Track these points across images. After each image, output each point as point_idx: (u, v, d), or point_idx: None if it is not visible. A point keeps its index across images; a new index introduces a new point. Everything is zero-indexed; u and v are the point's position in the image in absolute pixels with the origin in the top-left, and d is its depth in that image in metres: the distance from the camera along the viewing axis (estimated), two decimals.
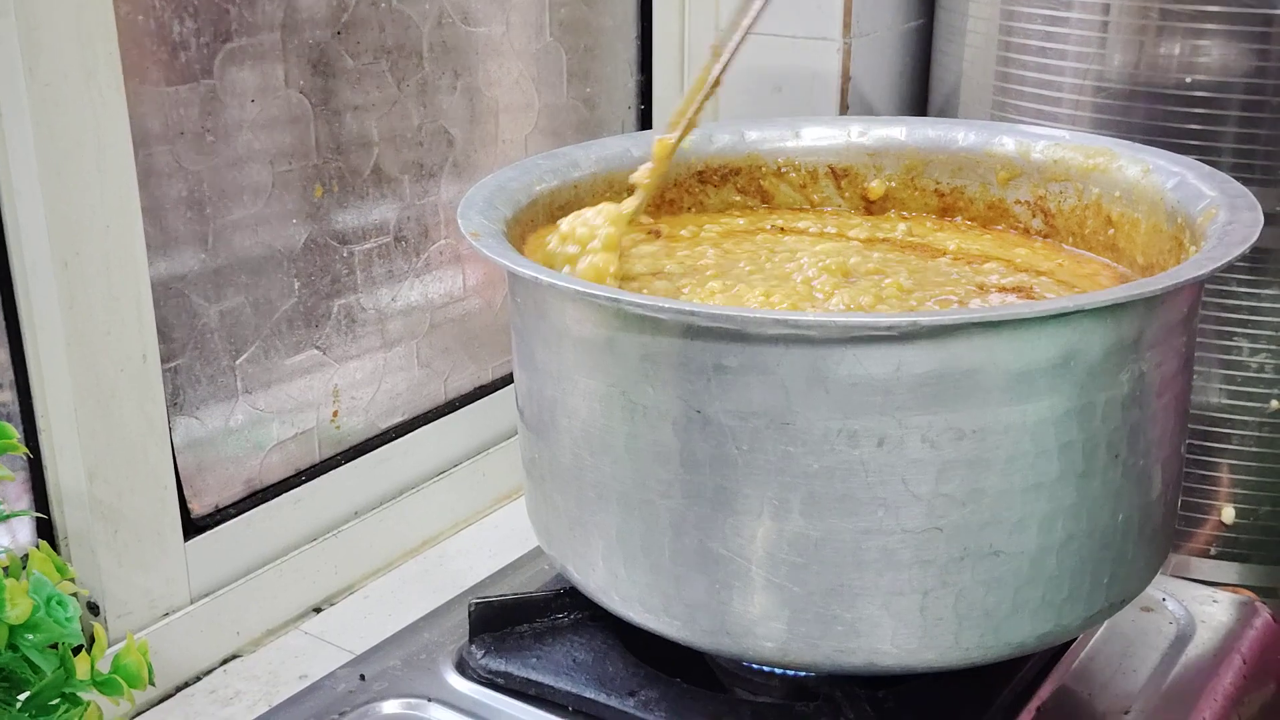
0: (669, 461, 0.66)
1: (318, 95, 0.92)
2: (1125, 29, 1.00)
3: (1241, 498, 1.05)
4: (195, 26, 0.84)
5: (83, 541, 0.81)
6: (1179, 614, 0.87)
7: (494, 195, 0.79)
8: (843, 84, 1.18)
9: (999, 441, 0.63)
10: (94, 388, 0.79)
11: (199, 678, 0.88)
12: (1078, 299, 0.62)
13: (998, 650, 0.67)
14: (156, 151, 0.83)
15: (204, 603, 0.88)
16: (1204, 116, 0.98)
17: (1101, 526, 0.67)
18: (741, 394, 0.63)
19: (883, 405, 0.62)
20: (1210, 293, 1.01)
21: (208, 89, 0.85)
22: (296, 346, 0.94)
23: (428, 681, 0.79)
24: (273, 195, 0.90)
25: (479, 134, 1.06)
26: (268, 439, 0.94)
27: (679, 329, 0.63)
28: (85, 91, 0.75)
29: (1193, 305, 0.70)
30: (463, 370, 1.09)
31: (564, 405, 0.70)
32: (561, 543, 0.75)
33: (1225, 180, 0.76)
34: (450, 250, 1.05)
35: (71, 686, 0.64)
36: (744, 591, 0.67)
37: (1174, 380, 0.69)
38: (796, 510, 0.64)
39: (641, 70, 1.21)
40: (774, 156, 0.93)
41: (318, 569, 0.96)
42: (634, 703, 0.75)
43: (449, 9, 1.01)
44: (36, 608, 0.61)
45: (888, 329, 0.60)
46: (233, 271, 0.89)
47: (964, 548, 0.64)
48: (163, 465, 0.84)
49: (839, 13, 1.16)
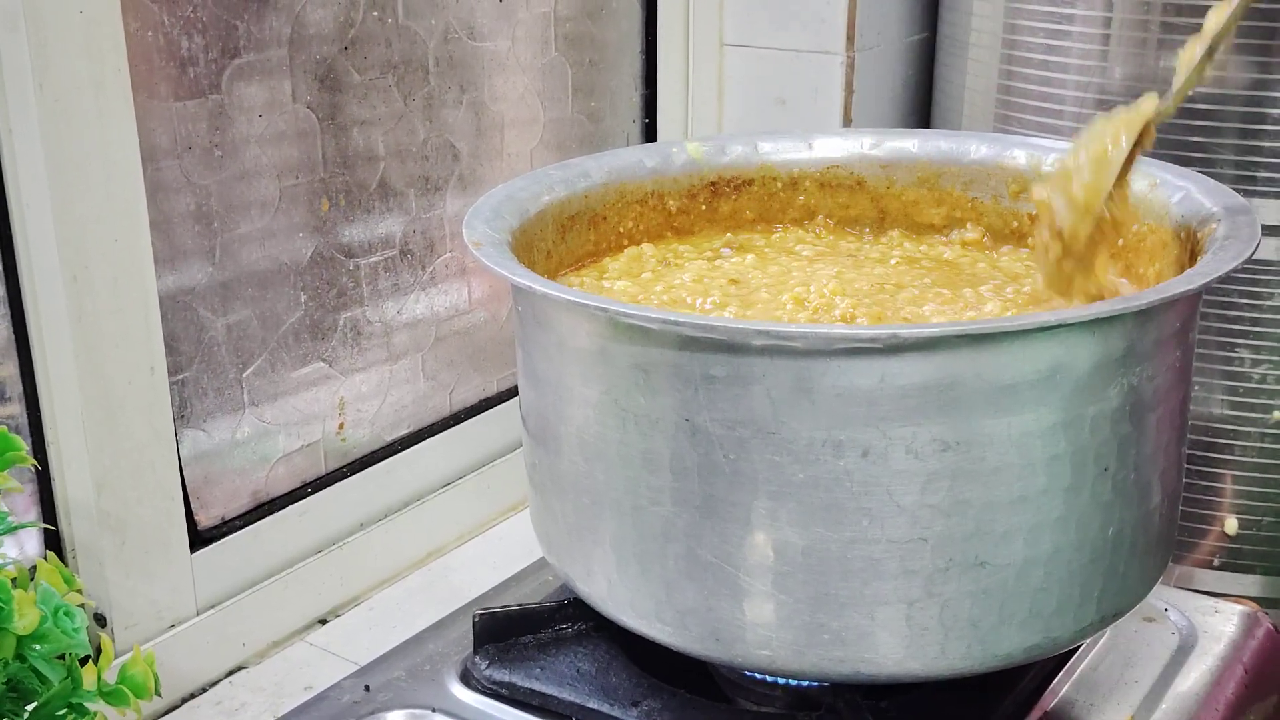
0: (659, 469, 0.67)
1: (325, 110, 0.93)
2: (1127, 41, 1.01)
3: (1244, 509, 1.05)
4: (203, 42, 0.84)
5: (90, 553, 0.82)
6: (1181, 624, 0.87)
7: (501, 205, 0.79)
8: (846, 97, 1.18)
9: (984, 453, 0.63)
10: (102, 400, 0.79)
11: (205, 689, 0.88)
12: (1062, 313, 0.62)
13: (985, 662, 0.67)
14: (165, 165, 0.83)
15: (210, 614, 0.89)
16: (1206, 129, 0.99)
17: (1091, 539, 0.67)
18: (729, 403, 0.64)
19: (867, 416, 0.62)
20: (1211, 304, 1.01)
21: (215, 104, 0.86)
22: (303, 359, 0.95)
23: (432, 692, 0.79)
24: (280, 209, 0.91)
25: (484, 148, 1.06)
26: (274, 451, 0.94)
27: (669, 339, 0.64)
28: (94, 106, 0.76)
29: (1188, 319, 0.70)
30: (468, 383, 1.09)
31: (562, 413, 0.71)
32: (562, 550, 0.75)
33: (1228, 194, 0.76)
34: (456, 263, 1.05)
35: (78, 697, 0.65)
36: (732, 599, 0.67)
37: (1169, 394, 0.68)
38: (783, 519, 0.65)
39: (646, 84, 1.22)
40: (787, 168, 0.94)
41: (323, 581, 0.96)
42: (637, 713, 0.75)
43: (455, 24, 1.01)
44: (44, 618, 0.62)
45: (871, 340, 0.61)
46: (240, 285, 0.90)
47: (949, 558, 0.64)
48: (170, 477, 0.85)
49: (843, 26, 1.17)
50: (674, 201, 0.92)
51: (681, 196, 0.92)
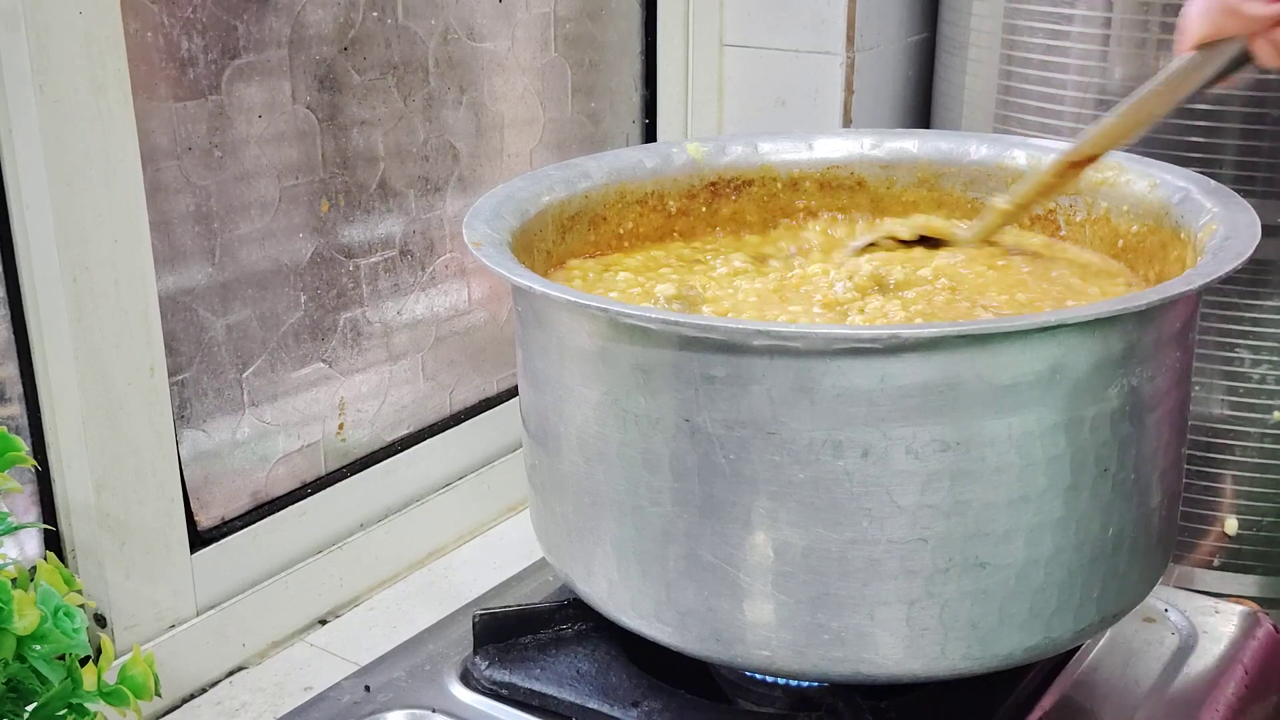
0: (659, 469, 0.67)
1: (324, 111, 0.93)
2: (1127, 42, 1.01)
3: (1244, 509, 1.05)
4: (203, 43, 0.84)
5: (90, 553, 0.82)
6: (1181, 625, 0.87)
7: (501, 205, 0.79)
8: (846, 97, 1.18)
9: (984, 454, 0.63)
10: (102, 400, 0.79)
11: (205, 689, 0.88)
12: (1062, 313, 0.62)
13: (985, 662, 0.67)
14: (164, 166, 0.83)
15: (210, 615, 0.89)
16: (1206, 129, 0.99)
17: (1091, 540, 0.67)
18: (729, 404, 0.64)
19: (867, 416, 0.62)
20: (1211, 304, 1.01)
21: (215, 105, 0.86)
22: (303, 360, 0.95)
23: (432, 692, 0.79)
24: (279, 210, 0.91)
25: (484, 148, 1.06)
26: (274, 452, 0.95)
27: (669, 339, 0.64)
28: (94, 107, 0.76)
29: (1188, 319, 0.70)
30: (468, 383, 1.09)
31: (562, 414, 0.71)
32: (562, 550, 0.75)
33: (1229, 195, 0.76)
34: (455, 264, 1.05)
35: (78, 697, 0.65)
36: (732, 599, 0.67)
37: (1169, 394, 0.69)
38: (783, 519, 0.65)
39: (646, 85, 1.22)
40: (787, 169, 0.94)
41: (323, 581, 0.96)
42: (637, 713, 0.75)
43: (455, 25, 1.01)
44: (44, 619, 0.62)
45: (871, 341, 0.61)
46: (240, 285, 0.90)
47: (949, 559, 0.64)
48: (170, 478, 0.85)
49: (842, 26, 1.17)
50: (674, 202, 0.92)
51: (681, 197, 0.92)
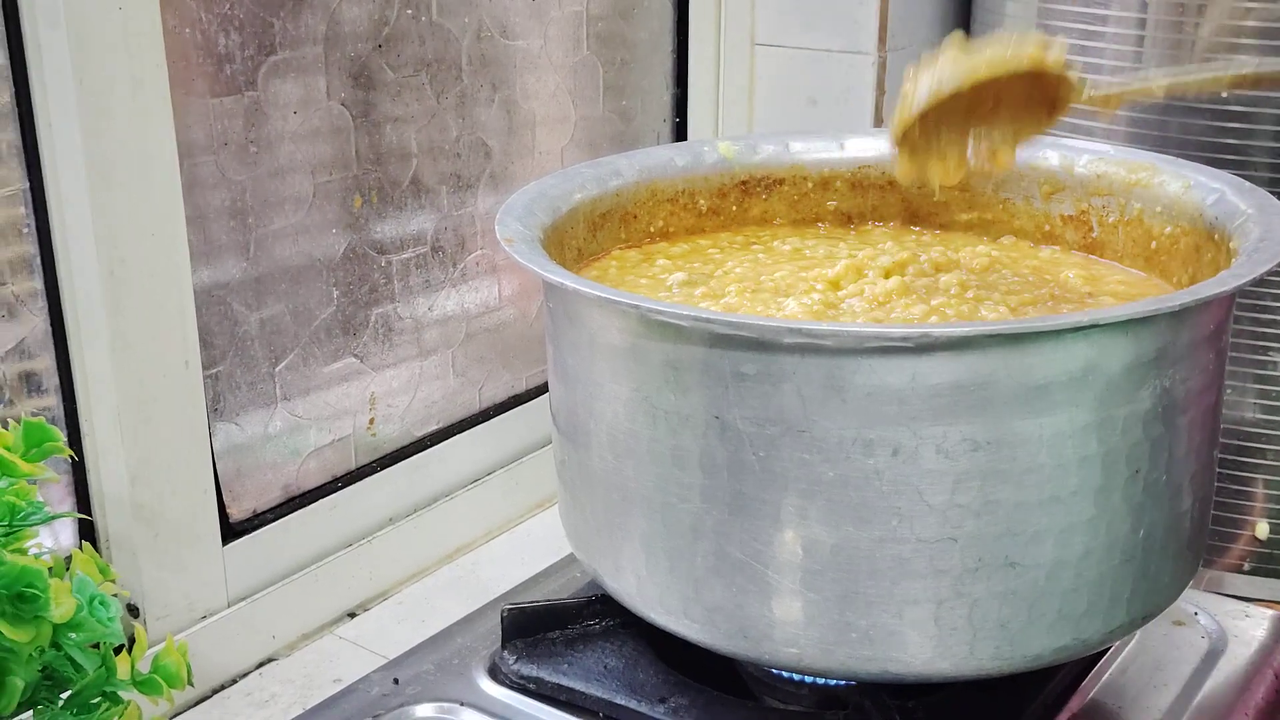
0: (689, 466, 0.67)
1: (358, 107, 0.93)
2: (1161, 43, 1.00)
3: (1275, 513, 1.05)
4: (240, 39, 0.85)
5: (124, 544, 0.82)
6: (1211, 629, 0.86)
7: (533, 202, 0.80)
8: (878, 97, 1.18)
9: (1015, 454, 0.63)
10: (137, 393, 0.80)
11: (235, 680, 0.89)
12: (1095, 313, 0.62)
13: (1014, 662, 0.67)
14: (201, 161, 0.84)
15: (241, 606, 0.89)
16: (1240, 131, 0.98)
17: (1122, 541, 0.66)
18: (759, 401, 0.64)
19: (898, 415, 0.62)
20: (1244, 306, 1.00)
21: (251, 101, 0.86)
22: (334, 354, 0.96)
23: (460, 686, 0.80)
24: (313, 205, 0.92)
25: (516, 146, 1.07)
26: (305, 445, 0.95)
27: (700, 336, 0.64)
28: (133, 102, 0.76)
29: (1221, 321, 0.69)
30: (497, 379, 1.10)
31: (592, 410, 0.71)
32: (590, 546, 0.76)
33: (1264, 196, 0.76)
34: (486, 260, 1.06)
35: (112, 685, 0.66)
36: (760, 596, 0.67)
37: (1201, 396, 0.68)
38: (812, 517, 0.65)
39: (677, 83, 1.22)
40: (818, 168, 0.94)
41: (353, 574, 0.97)
42: (664, 709, 0.75)
43: (488, 23, 1.02)
44: (79, 607, 0.63)
45: (902, 340, 0.61)
46: (273, 280, 0.90)
47: (979, 558, 0.64)
48: (203, 470, 0.86)
49: (874, 26, 1.17)
50: (705, 200, 0.92)
51: (712, 195, 0.92)
